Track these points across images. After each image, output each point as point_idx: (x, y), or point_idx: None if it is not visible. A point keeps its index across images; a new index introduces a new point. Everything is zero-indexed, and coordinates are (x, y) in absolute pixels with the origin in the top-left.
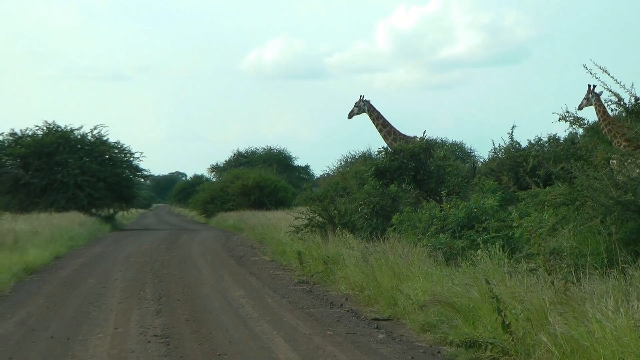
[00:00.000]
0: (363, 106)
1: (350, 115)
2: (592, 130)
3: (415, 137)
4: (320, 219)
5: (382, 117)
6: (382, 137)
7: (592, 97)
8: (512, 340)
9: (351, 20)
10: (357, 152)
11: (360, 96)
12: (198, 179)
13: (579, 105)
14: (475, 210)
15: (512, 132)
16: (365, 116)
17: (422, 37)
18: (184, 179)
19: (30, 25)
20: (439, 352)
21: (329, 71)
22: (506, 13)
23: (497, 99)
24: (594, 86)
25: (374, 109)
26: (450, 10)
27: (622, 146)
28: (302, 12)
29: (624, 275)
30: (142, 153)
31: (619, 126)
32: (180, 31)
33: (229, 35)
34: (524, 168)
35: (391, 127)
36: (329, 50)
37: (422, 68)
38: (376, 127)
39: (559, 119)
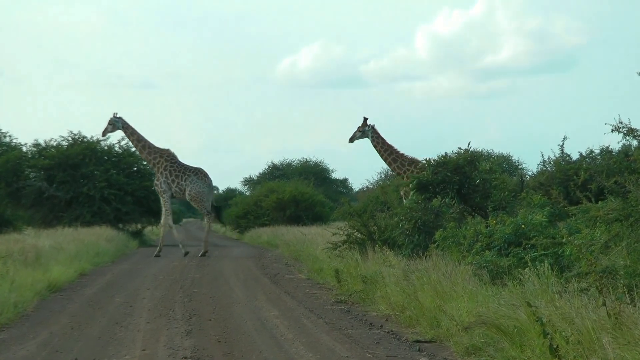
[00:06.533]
0: (117, 123)
1: (104, 133)
2: None
3: (168, 149)
4: (359, 235)
5: (136, 132)
6: (138, 151)
7: (367, 129)
8: None
9: (389, 26)
10: None
11: (114, 113)
12: (231, 193)
13: (351, 138)
14: (523, 226)
15: (563, 144)
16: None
17: (465, 43)
18: (215, 192)
19: (54, 32)
20: None
21: (366, 79)
22: (555, 18)
23: (546, 108)
24: (367, 119)
25: (128, 125)
26: (495, 16)
27: (411, 171)
28: (338, 18)
29: None
30: None
31: (402, 154)
32: (211, 37)
33: (261, 42)
34: (575, 182)
35: (146, 141)
36: (366, 57)
37: (465, 76)
38: (131, 142)
39: (612, 130)
